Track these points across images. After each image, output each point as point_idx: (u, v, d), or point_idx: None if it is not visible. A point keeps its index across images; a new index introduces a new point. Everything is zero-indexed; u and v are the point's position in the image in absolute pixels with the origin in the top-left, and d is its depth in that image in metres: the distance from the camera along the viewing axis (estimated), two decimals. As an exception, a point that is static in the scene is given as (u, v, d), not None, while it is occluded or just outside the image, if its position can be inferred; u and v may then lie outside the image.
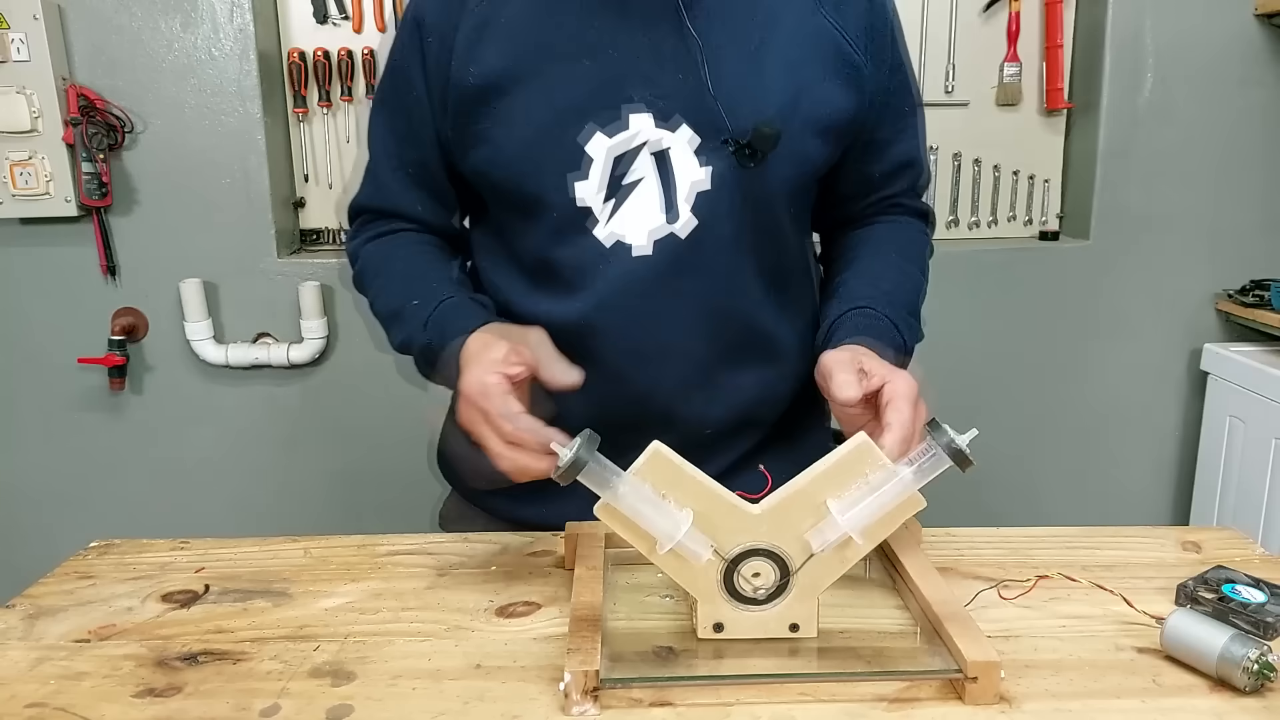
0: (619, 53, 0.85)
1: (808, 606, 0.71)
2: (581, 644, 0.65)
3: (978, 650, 0.64)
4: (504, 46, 0.86)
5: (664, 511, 0.67)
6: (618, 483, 0.66)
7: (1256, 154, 2.04)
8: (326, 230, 2.12)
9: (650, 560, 0.69)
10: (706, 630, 0.71)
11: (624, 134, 0.86)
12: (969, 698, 0.64)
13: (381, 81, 0.97)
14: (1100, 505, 2.20)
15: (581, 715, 0.62)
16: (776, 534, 0.69)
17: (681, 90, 0.85)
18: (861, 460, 0.67)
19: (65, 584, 0.83)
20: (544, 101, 0.86)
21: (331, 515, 2.12)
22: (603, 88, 0.85)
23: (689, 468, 0.68)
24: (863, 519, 0.67)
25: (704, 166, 0.87)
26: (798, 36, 0.87)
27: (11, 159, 1.86)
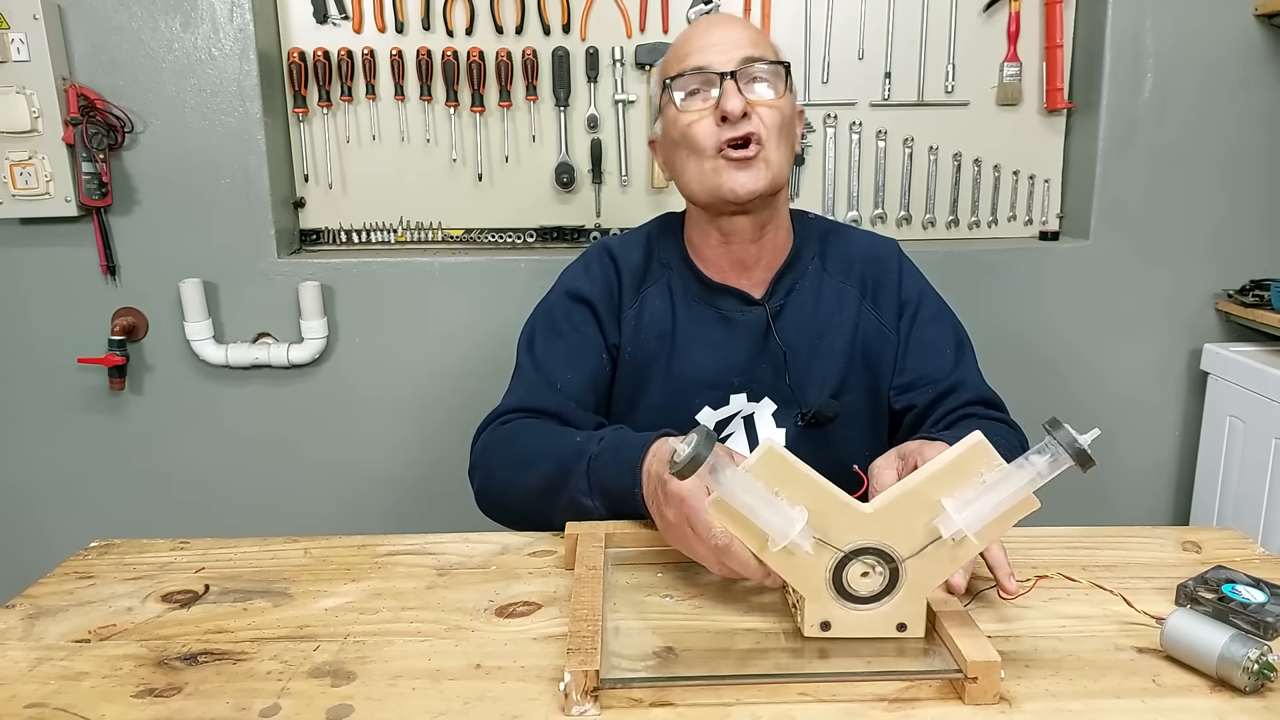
0: (726, 352, 1.14)
1: (916, 606, 0.70)
2: (581, 644, 0.65)
3: (978, 650, 0.64)
4: (649, 338, 1.15)
5: (777, 509, 0.67)
6: (732, 480, 0.66)
7: (1257, 154, 2.04)
8: (326, 230, 2.12)
9: (760, 558, 0.69)
10: (813, 628, 0.71)
11: (725, 408, 1.15)
12: (969, 697, 0.64)
13: (538, 320, 1.19)
14: (1100, 505, 2.20)
15: (581, 715, 0.62)
16: (888, 533, 0.68)
17: (768, 378, 1.15)
18: (977, 460, 0.67)
19: (65, 584, 0.83)
20: (673, 383, 1.14)
21: (331, 515, 2.12)
22: (715, 377, 1.14)
23: (802, 466, 0.68)
24: (979, 517, 0.66)
25: (780, 428, 1.15)
26: (848, 330, 1.16)
27: (11, 159, 1.86)
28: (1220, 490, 2.04)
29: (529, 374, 1.14)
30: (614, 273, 1.18)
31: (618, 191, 2.08)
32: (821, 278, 1.18)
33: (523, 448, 1.04)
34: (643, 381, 1.15)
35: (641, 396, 1.16)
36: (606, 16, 2.00)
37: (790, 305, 1.16)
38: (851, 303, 1.17)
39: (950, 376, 1.14)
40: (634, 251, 1.19)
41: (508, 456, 1.04)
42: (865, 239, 1.24)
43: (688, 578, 0.82)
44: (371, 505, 2.12)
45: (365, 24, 2.00)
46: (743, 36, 1.08)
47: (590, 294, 1.16)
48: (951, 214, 2.12)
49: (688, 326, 1.15)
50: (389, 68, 2.00)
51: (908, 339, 1.17)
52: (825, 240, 1.21)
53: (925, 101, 2.06)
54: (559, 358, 1.14)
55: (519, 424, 1.07)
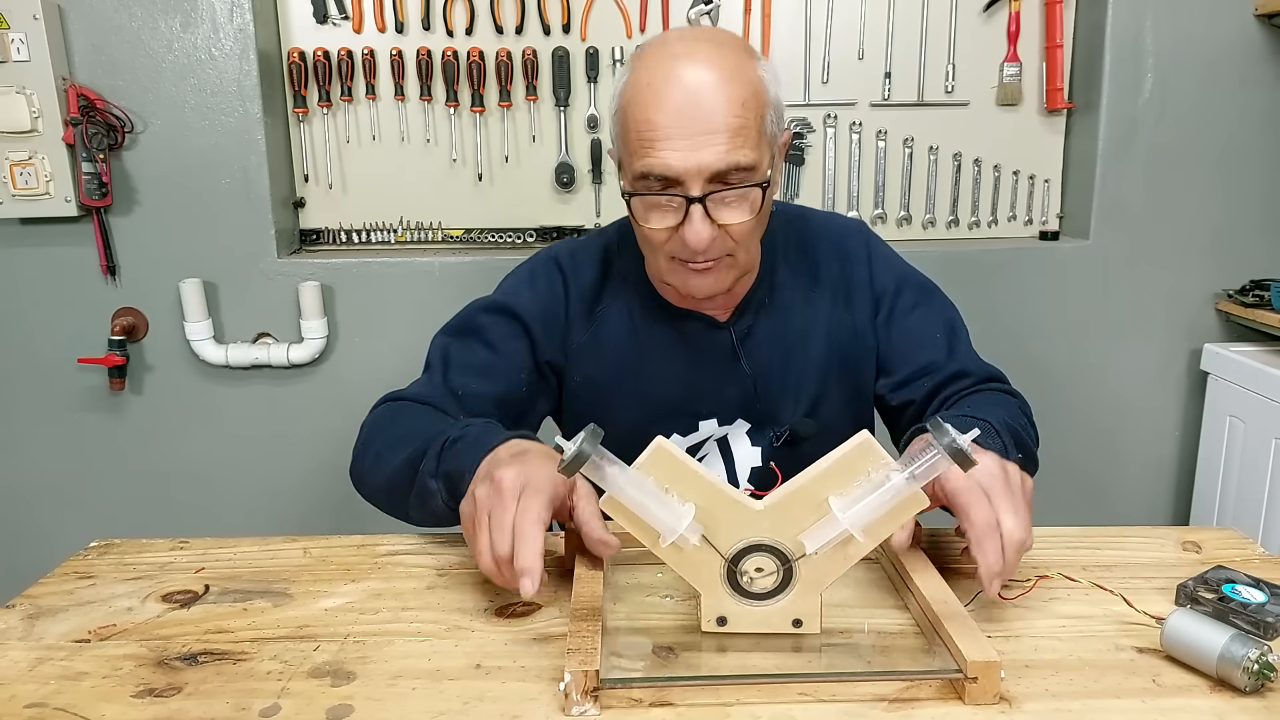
0: (692, 379, 1.07)
1: (811, 602, 0.71)
2: (581, 644, 0.65)
3: (978, 650, 0.64)
4: (610, 360, 1.07)
5: (667, 505, 0.68)
6: (621, 476, 0.67)
7: (1256, 154, 2.04)
8: (326, 230, 2.12)
9: (654, 553, 0.69)
10: (710, 623, 0.71)
11: (695, 434, 1.08)
12: (969, 697, 0.64)
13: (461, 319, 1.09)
14: (1100, 505, 2.20)
15: (582, 715, 0.62)
16: (778, 530, 0.69)
17: (737, 400, 1.08)
18: (863, 458, 0.68)
19: (65, 584, 0.83)
20: (637, 411, 1.06)
21: (331, 515, 2.12)
22: (682, 403, 1.07)
23: (692, 463, 0.69)
24: (864, 516, 0.67)
25: (755, 447, 1.09)
26: (822, 340, 1.08)
27: (11, 159, 1.86)
28: (1220, 490, 2.04)
29: (436, 376, 1.05)
30: (562, 290, 1.08)
31: (617, 191, 2.08)
32: (791, 288, 1.09)
33: (400, 429, 0.97)
34: (608, 406, 1.07)
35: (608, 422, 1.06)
36: (606, 16, 2.00)
37: (759, 325, 1.08)
38: (823, 309, 1.09)
39: (947, 366, 1.07)
40: (588, 266, 1.09)
41: (381, 436, 0.99)
42: (829, 230, 1.13)
43: (688, 578, 0.82)
44: (372, 505, 2.12)
45: (365, 24, 2.00)
46: (719, 122, 0.87)
47: (525, 311, 1.06)
48: (951, 214, 2.12)
49: (650, 350, 1.07)
50: (389, 68, 2.00)
51: (890, 335, 1.09)
52: (790, 241, 1.11)
53: (925, 101, 2.06)
54: (472, 367, 1.05)
55: (409, 406, 1.01)
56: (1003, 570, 0.71)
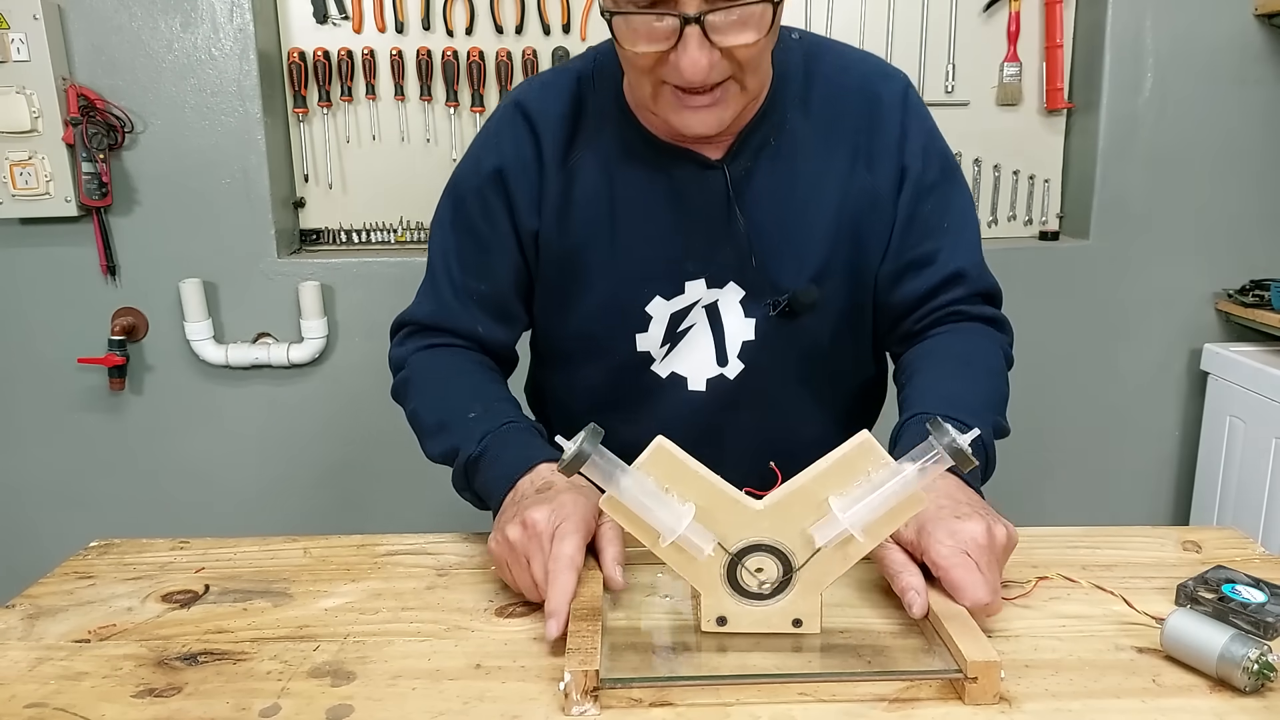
0: (678, 234, 0.94)
1: (811, 602, 0.71)
2: (581, 644, 0.65)
3: (978, 650, 0.64)
4: (583, 219, 0.95)
5: (667, 505, 0.67)
6: (621, 476, 0.66)
7: (1256, 154, 2.04)
8: (326, 230, 2.12)
9: (654, 553, 0.69)
10: (710, 623, 0.71)
11: (681, 297, 0.96)
12: (969, 697, 0.63)
13: (446, 209, 1.01)
14: (1100, 505, 2.20)
15: (581, 715, 0.62)
16: (778, 530, 0.69)
17: (731, 261, 0.94)
18: (864, 458, 0.67)
19: (65, 584, 0.83)
20: (615, 272, 0.95)
21: (331, 515, 2.12)
22: (665, 264, 0.95)
23: (692, 463, 0.68)
24: (864, 516, 0.67)
25: (749, 319, 0.96)
26: (835, 200, 0.94)
27: (11, 159, 1.86)
28: (1220, 490, 2.04)
29: (441, 280, 1.00)
30: (531, 147, 0.93)
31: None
32: (802, 128, 0.93)
33: (424, 412, 0.97)
34: (578, 275, 0.96)
35: (579, 293, 0.96)
36: (606, 16, 2.00)
37: (760, 168, 0.92)
38: (839, 162, 0.93)
39: (949, 262, 0.96)
40: (557, 104, 0.93)
41: (412, 408, 0.99)
42: (861, 71, 0.96)
43: (688, 578, 0.82)
44: (371, 505, 2.12)
45: (365, 24, 2.00)
46: None
47: (500, 180, 0.94)
48: (951, 214, 2.12)
49: (630, 200, 0.93)
50: (389, 68, 2.00)
51: (909, 215, 0.95)
52: (809, 72, 0.94)
53: (925, 101, 2.06)
54: (471, 262, 0.98)
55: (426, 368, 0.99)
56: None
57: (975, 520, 0.73)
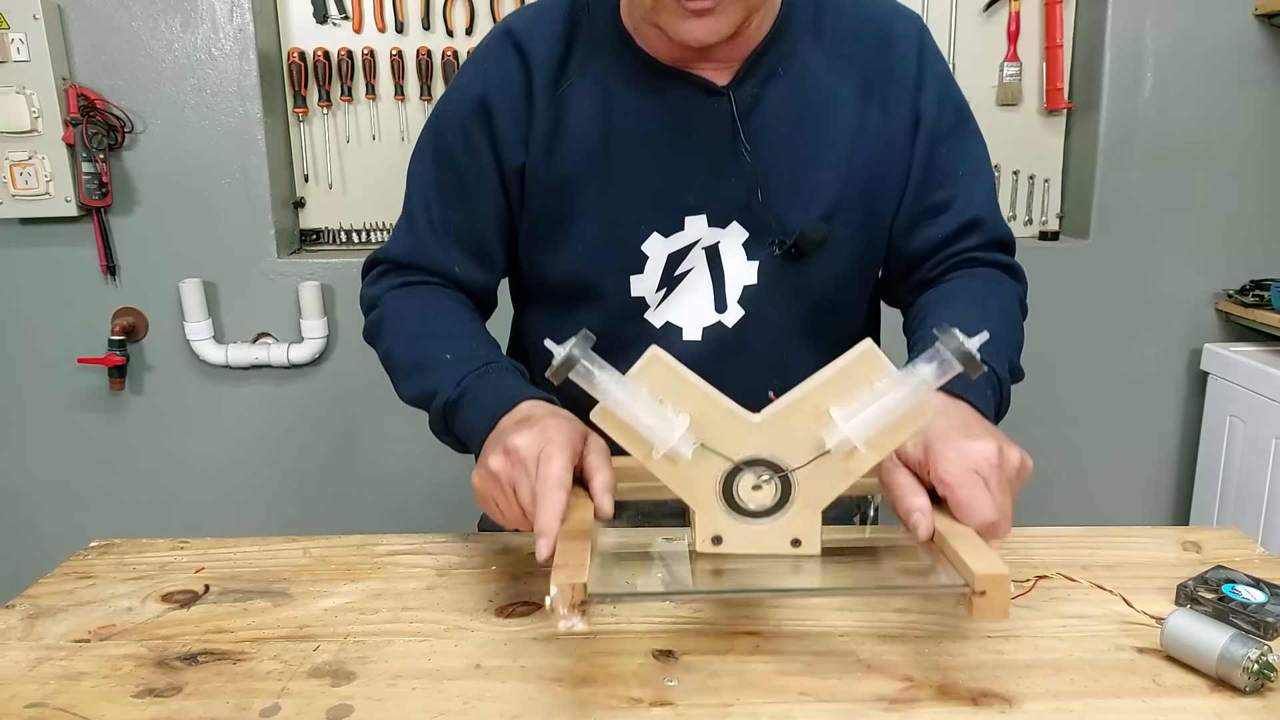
0: (678, 165, 0.89)
1: (810, 521, 0.68)
2: (569, 559, 0.63)
3: (985, 563, 0.61)
4: (575, 150, 0.89)
5: (660, 416, 0.65)
6: (613, 385, 0.64)
7: (1256, 154, 2.04)
8: (326, 230, 2.12)
9: (647, 468, 0.66)
10: (705, 543, 0.68)
11: (679, 234, 0.91)
12: (977, 613, 0.60)
13: (427, 141, 0.97)
14: (1100, 505, 2.20)
15: (570, 629, 0.60)
16: (777, 444, 0.66)
17: (735, 197, 0.90)
18: (867, 368, 0.64)
19: (65, 584, 0.83)
20: (609, 206, 0.90)
21: (331, 515, 2.12)
22: (663, 197, 0.90)
23: (688, 374, 0.66)
24: (867, 427, 0.64)
25: (751, 261, 0.92)
26: (846, 138, 0.90)
27: (11, 159, 1.86)
28: (1220, 490, 2.04)
29: (418, 217, 0.96)
30: (519, 69, 0.89)
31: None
32: (814, 56, 0.89)
33: (398, 352, 0.92)
34: (568, 211, 0.91)
35: (569, 230, 0.91)
36: (606, 16, 2.00)
37: (769, 95, 0.88)
38: (852, 97, 0.90)
39: (965, 209, 0.93)
40: (549, 29, 0.90)
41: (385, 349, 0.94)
42: (874, 6, 0.93)
43: (688, 578, 0.82)
44: (371, 505, 2.12)
45: (365, 24, 2.00)
46: None
47: (484, 111, 0.90)
48: (951, 214, 2.12)
49: (627, 128, 0.88)
50: (389, 68, 2.01)
51: (925, 163, 0.93)
52: (820, 3, 0.91)
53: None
54: (451, 198, 0.94)
55: (400, 306, 0.94)
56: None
57: (987, 440, 0.70)
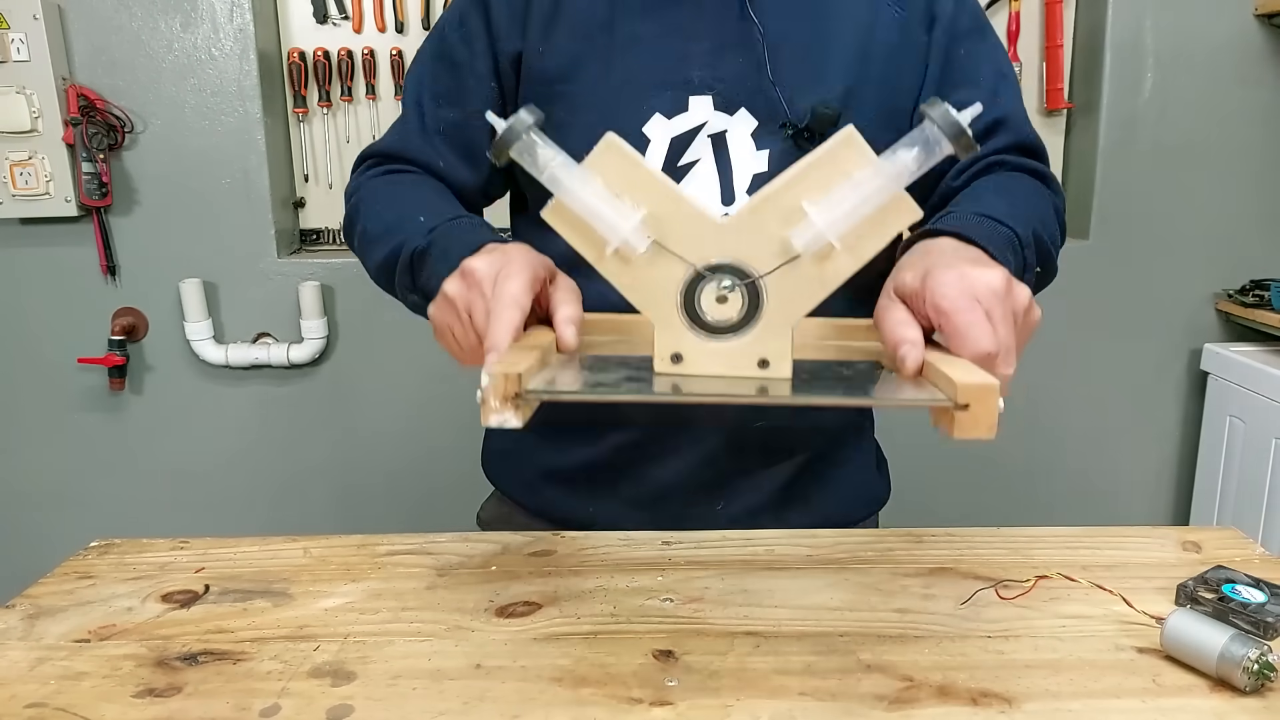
0: (683, 39, 0.85)
1: (780, 339, 0.61)
2: (509, 356, 0.58)
3: (968, 375, 0.55)
4: (574, 32, 0.86)
5: (615, 207, 0.59)
6: (562, 170, 0.59)
7: (1256, 153, 2.04)
8: (326, 230, 2.12)
9: (601, 272, 0.61)
10: (664, 361, 0.62)
11: (683, 116, 0.86)
12: (959, 430, 0.53)
13: (429, 43, 0.95)
14: (1100, 505, 2.20)
15: (502, 424, 0.55)
16: (745, 248, 0.59)
17: (742, 76, 0.85)
18: (846, 156, 0.57)
19: (65, 584, 0.83)
20: (608, 87, 0.86)
21: (331, 515, 2.12)
22: (666, 73, 0.85)
23: (647, 164, 0.60)
24: (842, 221, 0.56)
25: (761, 150, 0.86)
26: (861, 22, 0.86)
27: (11, 159, 1.86)
28: (1220, 490, 2.04)
29: (410, 115, 0.93)
30: None
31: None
32: None
33: (371, 221, 0.88)
34: (567, 94, 0.87)
35: (568, 118, 0.86)
36: (606, 16, 2.00)
37: None
38: None
39: (991, 112, 0.88)
40: None
41: (362, 217, 0.90)
42: None
43: (688, 580, 0.82)
44: (371, 505, 2.12)
45: (365, 24, 2.00)
46: None
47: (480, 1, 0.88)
48: (951, 214, 2.12)
49: (630, 5, 0.86)
50: (389, 68, 2.01)
51: (942, 60, 0.89)
52: None
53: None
54: (443, 91, 0.91)
55: (378, 186, 0.91)
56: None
57: (994, 269, 0.62)
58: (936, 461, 2.06)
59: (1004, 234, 0.72)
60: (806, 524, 0.91)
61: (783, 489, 0.97)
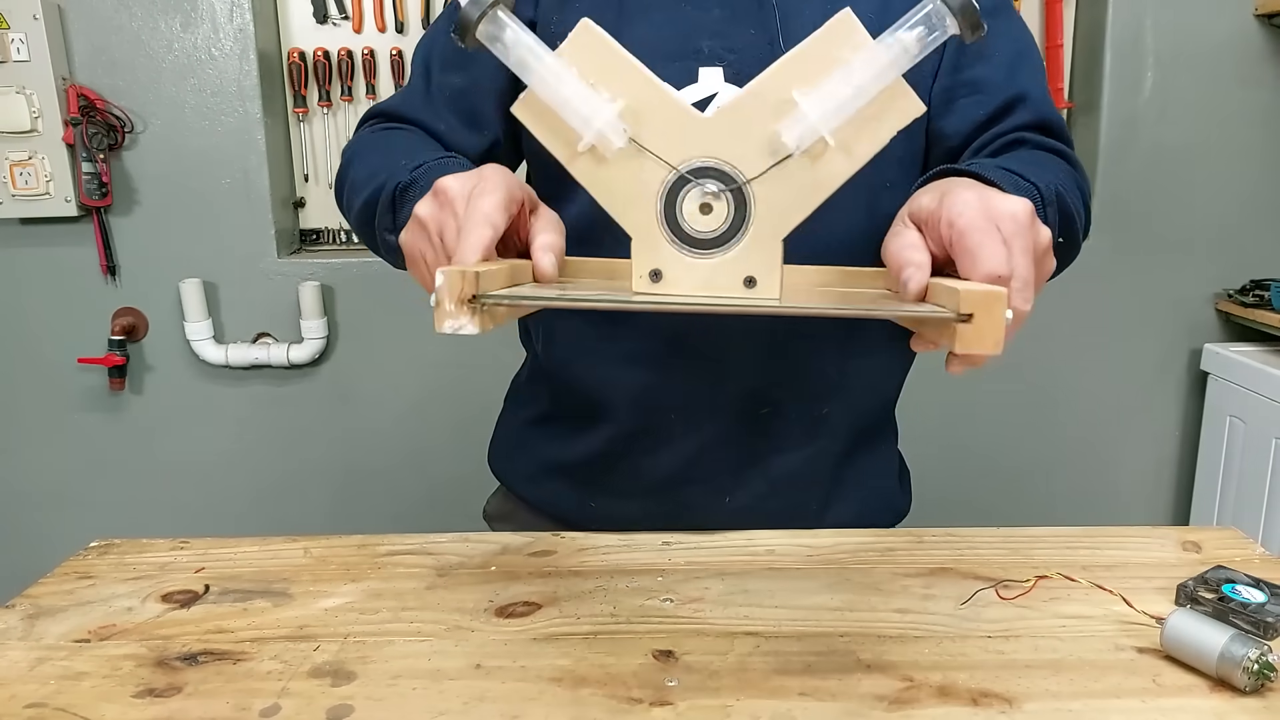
0: (694, 8, 0.83)
1: (768, 254, 0.55)
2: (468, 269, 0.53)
3: (974, 286, 0.50)
4: (587, 3, 0.84)
5: (588, 98, 0.54)
6: (533, 56, 0.54)
7: (1256, 153, 2.04)
8: (326, 230, 2.12)
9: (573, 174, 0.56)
10: (642, 280, 0.56)
11: (693, 88, 0.83)
12: (962, 342, 0.48)
13: (445, 10, 0.94)
14: (1100, 505, 2.20)
15: (457, 330, 0.51)
16: (732, 148, 0.53)
17: (754, 47, 0.82)
18: (842, 41, 0.52)
19: (65, 584, 0.83)
20: None
21: (331, 515, 2.12)
22: (675, 43, 0.83)
23: (625, 54, 0.55)
24: (836, 112, 0.51)
25: None
26: None
27: (11, 159, 1.86)
28: (1220, 490, 2.04)
29: (416, 80, 0.92)
30: None
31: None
32: None
33: (359, 169, 0.85)
34: None
35: None
36: (606, 16, 2.00)
37: None
38: None
39: (1007, 87, 0.85)
40: None
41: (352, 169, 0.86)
42: None
43: (688, 580, 0.82)
44: (371, 505, 2.12)
45: (365, 24, 2.00)
46: None
47: None
48: (951, 214, 2.12)
49: None
50: (389, 68, 2.01)
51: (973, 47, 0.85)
52: None
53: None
54: (451, 57, 0.90)
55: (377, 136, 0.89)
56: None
57: (1022, 200, 0.57)
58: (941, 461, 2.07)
59: (1025, 186, 0.68)
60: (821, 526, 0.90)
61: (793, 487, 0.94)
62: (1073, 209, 0.76)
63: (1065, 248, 0.74)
